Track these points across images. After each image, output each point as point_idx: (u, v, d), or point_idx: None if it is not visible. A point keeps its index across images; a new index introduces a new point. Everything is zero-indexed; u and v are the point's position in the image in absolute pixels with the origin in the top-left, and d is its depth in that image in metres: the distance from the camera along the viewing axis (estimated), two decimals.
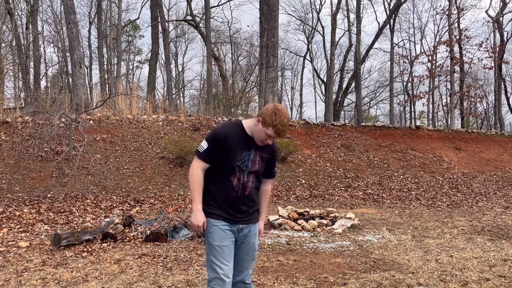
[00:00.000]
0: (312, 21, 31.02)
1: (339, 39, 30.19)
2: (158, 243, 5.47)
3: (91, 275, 4.21)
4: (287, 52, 35.18)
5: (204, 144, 2.53)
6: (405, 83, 29.89)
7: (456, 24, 22.32)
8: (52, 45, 29.93)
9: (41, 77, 24.90)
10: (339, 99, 26.05)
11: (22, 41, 22.91)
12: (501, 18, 23.50)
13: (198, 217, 2.50)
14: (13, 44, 22.37)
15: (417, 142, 14.62)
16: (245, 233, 2.61)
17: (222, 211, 2.53)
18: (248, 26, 62.59)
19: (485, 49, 22.05)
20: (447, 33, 23.29)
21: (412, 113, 29.50)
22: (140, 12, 46.46)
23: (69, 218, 7.04)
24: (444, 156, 13.99)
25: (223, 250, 2.49)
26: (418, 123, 25.10)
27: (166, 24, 23.13)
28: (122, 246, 5.36)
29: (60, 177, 8.98)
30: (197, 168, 2.52)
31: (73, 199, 8.12)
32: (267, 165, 2.64)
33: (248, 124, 2.58)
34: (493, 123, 25.45)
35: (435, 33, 28.03)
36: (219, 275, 2.46)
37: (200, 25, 23.63)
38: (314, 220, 6.72)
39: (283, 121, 2.42)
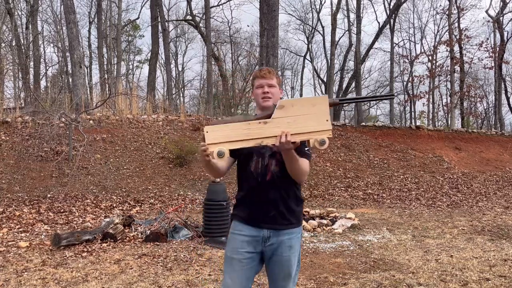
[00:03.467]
0: (312, 21, 31.01)
1: (339, 39, 30.18)
2: (158, 243, 5.47)
3: (91, 275, 4.21)
4: (287, 52, 35.17)
5: None
6: (405, 83, 29.85)
7: (456, 24, 22.29)
8: (52, 45, 29.95)
9: (41, 77, 24.92)
10: None
11: (22, 41, 22.89)
12: (501, 18, 23.48)
13: None
14: (13, 44, 22.35)
15: (417, 142, 14.61)
16: (273, 243, 2.15)
17: (244, 209, 2.18)
18: (248, 26, 62.63)
19: (485, 49, 22.02)
20: (447, 33, 23.27)
21: (412, 113, 29.48)
22: (140, 12, 46.48)
23: (69, 218, 7.04)
24: (444, 156, 13.98)
25: (231, 263, 2.18)
26: (418, 123, 25.07)
27: (166, 24, 23.12)
28: (122, 246, 5.35)
29: (60, 177, 8.97)
30: None
31: (73, 199, 8.12)
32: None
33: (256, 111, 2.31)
34: (493, 123, 25.44)
35: (435, 33, 27.94)
36: (223, 285, 2.24)
37: (200, 25, 23.61)
38: (314, 220, 6.73)
39: (259, 68, 2.30)
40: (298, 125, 1.96)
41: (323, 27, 29.73)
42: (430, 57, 24.26)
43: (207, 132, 1.93)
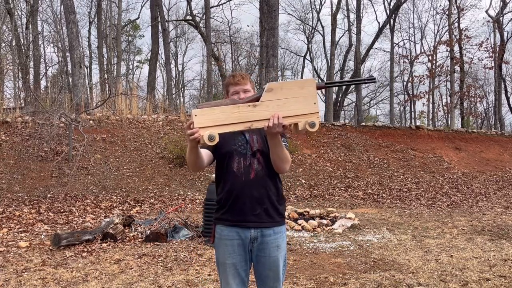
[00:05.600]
0: (312, 21, 31.05)
1: (339, 39, 30.22)
2: (158, 243, 5.47)
3: (91, 275, 4.21)
4: (287, 52, 35.21)
5: None
6: (405, 83, 29.86)
7: (456, 24, 22.31)
8: (52, 45, 29.94)
9: (41, 77, 24.92)
10: (339, 99, 26.06)
11: (22, 41, 22.91)
12: (501, 18, 23.50)
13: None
14: (13, 44, 22.36)
15: (417, 142, 14.62)
16: (261, 243, 2.16)
17: (228, 210, 2.16)
18: (248, 26, 62.57)
19: (485, 49, 22.04)
20: (447, 33, 23.29)
21: (412, 113, 29.48)
22: (140, 12, 46.50)
23: (69, 218, 7.04)
24: (444, 156, 13.98)
25: (225, 269, 2.19)
26: (418, 123, 25.08)
27: (166, 24, 23.13)
28: (122, 246, 5.35)
29: (60, 177, 8.97)
30: None
31: (73, 199, 8.12)
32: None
33: None
34: (493, 123, 25.45)
35: (435, 33, 28.04)
36: None
37: (200, 25, 23.61)
38: (314, 220, 6.72)
39: (231, 74, 2.29)
40: (288, 108, 1.96)
41: (323, 27, 29.76)
42: (430, 57, 24.26)
43: (195, 115, 1.87)
